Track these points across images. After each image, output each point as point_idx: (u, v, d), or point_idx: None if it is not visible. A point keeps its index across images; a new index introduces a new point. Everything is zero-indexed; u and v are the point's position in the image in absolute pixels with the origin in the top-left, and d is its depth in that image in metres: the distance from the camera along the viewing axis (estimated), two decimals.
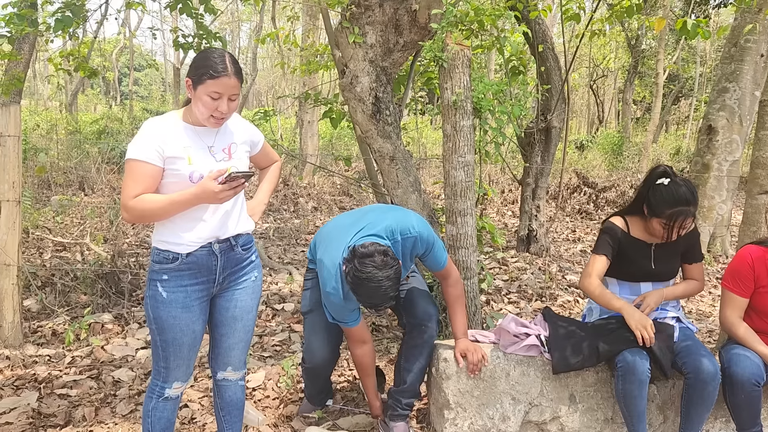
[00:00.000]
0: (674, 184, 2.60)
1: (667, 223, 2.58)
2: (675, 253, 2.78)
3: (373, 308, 2.43)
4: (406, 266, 2.70)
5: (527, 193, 6.75)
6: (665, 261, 2.77)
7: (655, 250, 2.75)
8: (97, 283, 4.57)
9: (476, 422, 2.65)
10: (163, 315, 2.15)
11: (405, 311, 2.79)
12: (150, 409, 2.31)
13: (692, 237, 2.77)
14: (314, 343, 2.83)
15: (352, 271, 2.35)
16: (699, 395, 2.54)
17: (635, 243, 2.75)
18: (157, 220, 2.12)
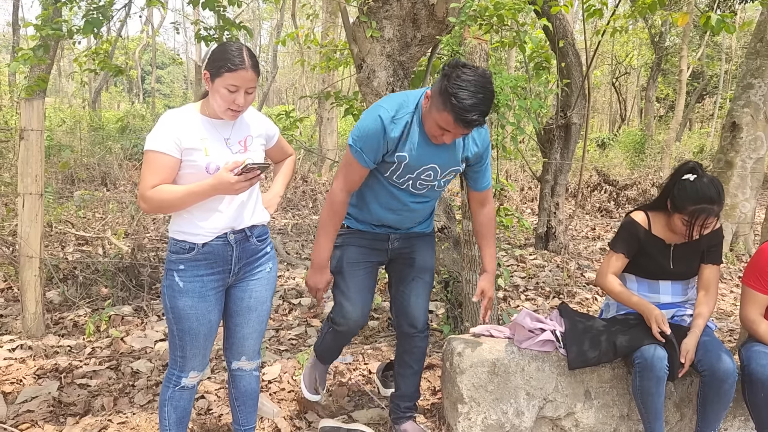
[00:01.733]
0: (700, 181, 2.55)
1: (689, 220, 2.53)
2: (696, 252, 2.71)
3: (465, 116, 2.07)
4: (457, 159, 2.40)
5: (546, 191, 6.71)
6: (684, 261, 2.72)
7: (674, 251, 2.71)
8: (117, 276, 4.64)
9: (490, 417, 2.65)
10: (180, 304, 2.18)
11: (400, 312, 2.64)
12: (167, 398, 2.34)
13: (715, 237, 2.69)
14: (348, 304, 2.53)
15: (450, 80, 2.07)
16: (715, 393, 2.50)
17: (655, 241, 2.72)
18: (174, 210, 2.15)
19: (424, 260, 2.63)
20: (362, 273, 2.53)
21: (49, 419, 2.90)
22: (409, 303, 2.61)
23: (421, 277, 2.63)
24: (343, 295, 2.54)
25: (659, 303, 2.77)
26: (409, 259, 2.61)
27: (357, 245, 2.54)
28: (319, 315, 4.47)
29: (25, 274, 3.74)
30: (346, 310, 2.53)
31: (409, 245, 2.61)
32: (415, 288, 2.62)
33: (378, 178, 2.42)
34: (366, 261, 2.55)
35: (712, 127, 22.90)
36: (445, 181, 2.47)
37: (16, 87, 12.73)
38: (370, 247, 2.55)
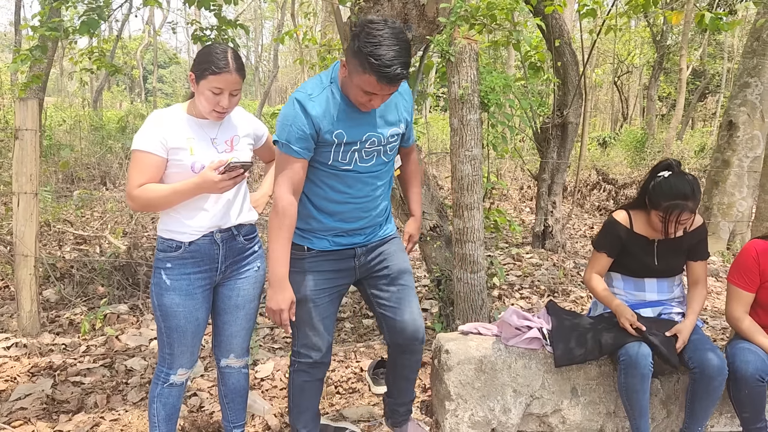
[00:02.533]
0: (674, 177, 2.58)
1: (664, 216, 2.57)
2: (679, 250, 2.74)
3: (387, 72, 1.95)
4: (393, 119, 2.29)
5: (543, 189, 6.72)
6: (669, 258, 2.74)
7: (658, 247, 2.73)
8: (114, 275, 4.67)
9: (477, 413, 2.67)
10: (167, 302, 2.21)
11: (394, 329, 2.44)
12: (156, 395, 2.37)
13: (698, 234, 2.74)
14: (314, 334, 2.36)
15: (361, 39, 1.96)
16: (704, 390, 2.52)
17: (638, 239, 2.74)
18: (160, 208, 2.18)
19: (398, 265, 2.43)
20: (327, 300, 2.34)
21: (42, 416, 2.93)
22: (403, 318, 2.41)
23: (402, 284, 2.43)
24: (307, 324, 2.34)
25: (645, 301, 2.80)
26: (383, 270, 2.40)
27: (320, 269, 2.31)
28: None
29: (20, 273, 3.77)
30: (312, 341, 2.36)
31: (378, 256, 2.40)
32: (402, 299, 2.42)
33: (319, 172, 2.23)
34: (332, 287, 2.34)
35: (714, 126, 22.85)
36: (391, 147, 2.31)
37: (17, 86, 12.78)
38: (336, 270, 2.33)
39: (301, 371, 2.44)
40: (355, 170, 2.24)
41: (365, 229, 2.37)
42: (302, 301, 2.31)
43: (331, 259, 2.33)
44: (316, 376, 2.46)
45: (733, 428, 2.88)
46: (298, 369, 2.45)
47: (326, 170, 2.22)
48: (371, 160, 2.26)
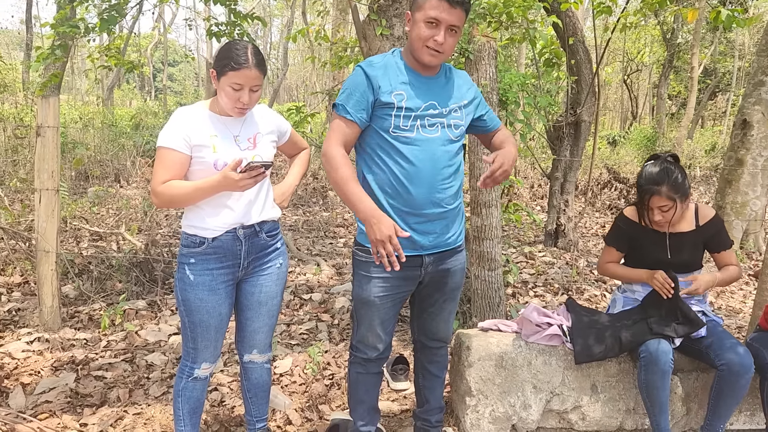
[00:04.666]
0: (652, 165, 2.65)
1: (640, 203, 2.65)
2: (693, 243, 2.74)
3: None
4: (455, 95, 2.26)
5: (555, 188, 6.72)
6: (683, 251, 2.74)
7: (670, 240, 2.74)
8: (131, 271, 4.72)
9: (497, 409, 2.69)
10: (191, 297, 2.25)
11: (423, 329, 2.49)
12: (180, 389, 2.40)
13: (713, 226, 2.74)
14: (371, 336, 2.36)
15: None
16: (731, 388, 2.53)
17: (648, 233, 2.77)
18: (183, 205, 2.21)
19: (455, 282, 2.41)
20: (389, 304, 2.30)
21: (67, 410, 2.97)
22: (438, 325, 2.46)
23: (451, 298, 2.43)
24: (366, 324, 2.34)
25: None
26: (441, 284, 2.37)
27: (386, 275, 2.24)
28: (330, 310, 4.52)
29: (42, 269, 3.81)
30: (369, 341, 2.37)
31: (443, 272, 2.33)
32: (444, 309, 2.44)
33: (383, 146, 2.17)
34: (395, 293, 2.29)
35: (724, 125, 22.73)
36: (456, 123, 2.23)
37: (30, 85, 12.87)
38: (401, 278, 2.25)
39: (356, 363, 2.45)
40: (419, 141, 2.15)
41: (435, 222, 2.23)
42: (364, 302, 2.30)
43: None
44: (370, 370, 2.44)
45: (752, 426, 2.89)
46: (354, 362, 2.46)
47: (390, 141, 2.15)
48: (435, 131, 2.17)
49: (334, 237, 7.12)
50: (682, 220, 2.76)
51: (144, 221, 6.36)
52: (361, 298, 2.31)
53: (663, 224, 2.70)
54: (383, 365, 2.47)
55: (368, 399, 2.48)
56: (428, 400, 2.60)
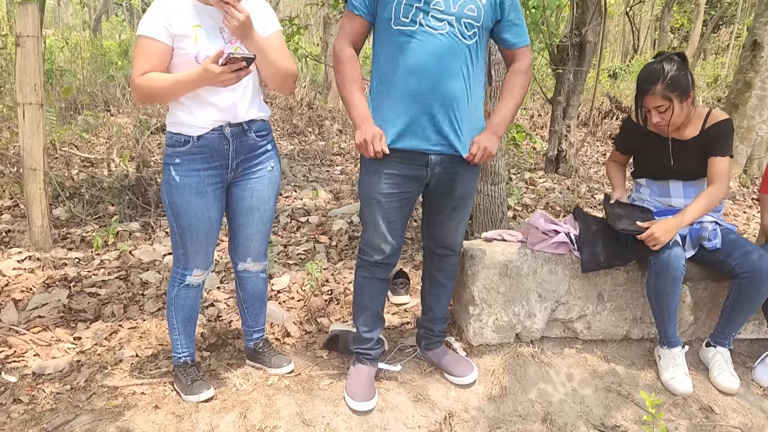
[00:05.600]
0: (650, 64, 2.50)
1: (637, 104, 2.55)
2: (697, 148, 2.58)
3: None
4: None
5: (558, 112, 6.55)
6: (686, 158, 2.61)
7: (672, 146, 2.62)
8: (124, 194, 4.60)
9: (501, 318, 2.62)
10: (178, 200, 2.13)
11: (431, 235, 2.42)
12: (173, 297, 2.32)
13: (718, 128, 2.55)
14: (378, 238, 2.27)
15: None
16: (751, 295, 2.45)
17: (651, 137, 2.66)
18: (163, 100, 2.07)
19: (465, 187, 2.29)
20: (396, 205, 2.21)
21: (60, 324, 2.91)
22: (447, 233, 2.39)
23: (461, 204, 2.33)
24: (373, 228, 2.26)
25: (672, 207, 2.70)
26: (450, 188, 2.27)
27: (390, 171, 2.17)
28: (328, 232, 4.44)
29: (29, 187, 3.69)
30: (375, 243, 2.28)
31: (452, 173, 2.22)
32: (454, 217, 2.35)
33: (388, 40, 2.10)
34: (401, 192, 2.20)
35: (727, 58, 22.26)
36: (468, 24, 2.07)
37: None
38: (407, 176, 2.17)
39: (362, 267, 2.37)
40: (422, 34, 2.05)
41: (443, 124, 2.12)
42: (370, 201, 2.23)
43: (403, 162, 2.15)
44: (376, 275, 2.35)
45: (760, 335, 2.84)
46: (360, 265, 2.38)
47: (391, 34, 2.09)
48: (443, 27, 2.05)
49: (330, 165, 6.99)
50: (688, 125, 2.60)
51: (136, 149, 6.19)
52: (366, 195, 2.23)
53: (662, 127, 2.54)
54: (390, 272, 2.39)
55: (372, 306, 2.41)
56: (432, 309, 2.53)
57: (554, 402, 2.46)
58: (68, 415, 2.25)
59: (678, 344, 2.54)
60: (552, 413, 2.41)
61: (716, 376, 2.55)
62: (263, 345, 2.58)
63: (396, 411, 2.34)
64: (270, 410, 2.29)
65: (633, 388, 2.55)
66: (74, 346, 2.74)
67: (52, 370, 2.54)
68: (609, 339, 2.75)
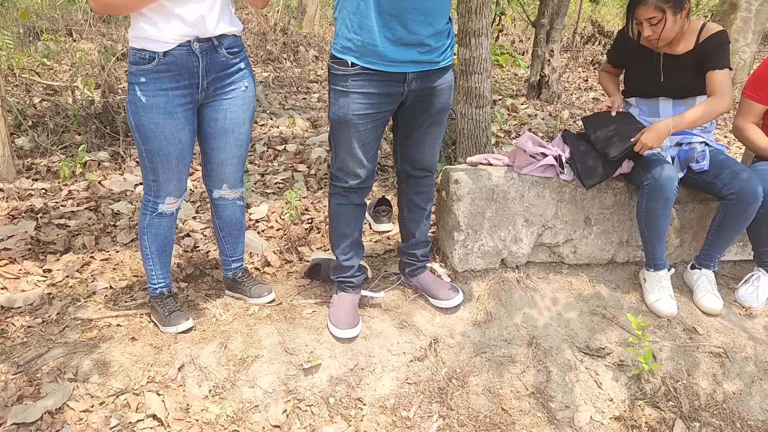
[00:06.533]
0: None
1: (628, 16, 2.45)
2: (690, 63, 2.47)
3: None
4: None
5: (541, 36, 6.34)
6: (675, 74, 2.51)
7: (664, 62, 2.51)
8: (90, 122, 4.38)
9: (487, 244, 2.56)
10: (145, 122, 1.98)
11: (407, 157, 2.30)
12: (145, 226, 2.21)
13: (714, 39, 2.43)
14: (352, 161, 2.15)
15: None
16: (737, 217, 2.42)
17: (642, 51, 2.56)
18: (124, 11, 1.88)
19: (442, 103, 2.17)
20: (370, 125, 2.09)
21: (28, 256, 2.79)
22: (423, 152, 2.27)
23: (438, 120, 2.22)
24: (347, 152, 2.14)
25: None
26: (426, 104, 2.15)
27: (365, 91, 2.02)
28: (306, 161, 4.30)
29: None
30: (349, 167, 2.17)
31: (428, 90, 2.11)
32: (430, 134, 2.23)
33: None
34: (376, 113, 2.07)
35: None
36: None
37: None
38: (382, 94, 2.04)
39: (336, 194, 2.26)
40: None
41: (422, 41, 1.98)
42: (343, 123, 2.08)
43: (378, 80, 2.01)
44: (352, 200, 2.26)
45: (743, 257, 2.83)
46: (334, 192, 2.27)
47: None
48: None
49: (307, 92, 6.76)
50: (681, 40, 2.49)
51: (101, 76, 5.89)
52: (338, 117, 2.07)
53: (653, 40, 2.43)
54: (365, 196, 2.28)
55: (350, 232, 2.31)
56: (413, 234, 2.46)
57: (539, 326, 2.44)
58: (41, 349, 2.17)
59: (664, 267, 2.52)
60: (537, 337, 2.39)
61: (700, 298, 2.54)
62: (242, 274, 2.50)
63: (380, 338, 2.30)
64: (251, 340, 2.23)
65: (618, 311, 2.54)
66: (44, 279, 2.64)
67: (22, 303, 2.44)
68: (595, 263, 2.71)
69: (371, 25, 1.92)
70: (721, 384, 2.29)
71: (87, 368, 2.10)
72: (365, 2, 1.90)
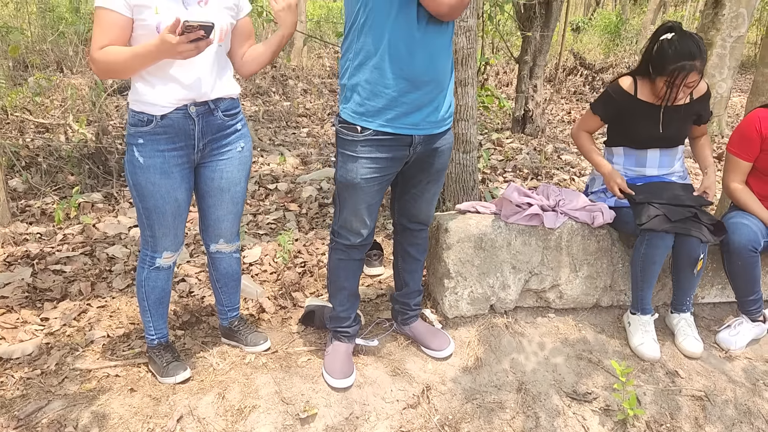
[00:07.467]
0: (678, 38, 2.47)
1: (669, 80, 2.49)
2: (687, 117, 2.67)
3: None
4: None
5: (524, 72, 6.52)
6: (674, 125, 2.66)
7: (664, 114, 2.64)
8: (83, 163, 4.44)
9: (476, 290, 2.65)
10: (142, 181, 2.06)
11: (404, 211, 2.39)
12: (143, 279, 2.27)
13: (705, 99, 2.69)
14: (356, 221, 2.22)
15: None
16: (682, 261, 2.55)
17: (642, 106, 2.65)
18: (123, 75, 1.96)
19: (442, 163, 2.26)
20: (376, 188, 2.15)
21: (26, 305, 2.83)
22: (420, 207, 2.36)
23: (436, 179, 2.31)
24: (351, 212, 2.20)
25: (644, 176, 2.75)
26: (427, 164, 2.23)
27: (373, 156, 2.08)
28: (297, 200, 4.38)
29: None
30: (353, 226, 2.23)
31: (431, 152, 2.19)
32: (428, 190, 2.32)
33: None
34: (382, 175, 2.13)
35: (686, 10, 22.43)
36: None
37: None
38: (389, 158, 2.10)
39: (338, 250, 2.32)
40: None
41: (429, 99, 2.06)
42: (350, 186, 2.14)
43: (386, 144, 2.08)
44: (353, 256, 2.32)
45: (722, 299, 2.94)
46: (335, 248, 2.33)
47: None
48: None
49: (296, 127, 6.86)
50: None
51: (93, 112, 5.96)
52: (346, 180, 2.14)
53: (680, 99, 2.60)
54: (366, 251, 2.36)
55: (349, 285, 2.39)
56: (407, 284, 2.53)
57: (528, 371, 2.51)
58: (40, 402, 2.20)
59: (650, 312, 2.62)
60: (526, 383, 2.46)
61: (681, 342, 2.64)
62: (239, 323, 2.56)
63: (374, 386, 2.36)
64: (248, 389, 2.29)
65: (603, 354, 2.62)
66: (42, 328, 2.67)
67: (20, 354, 2.48)
68: (580, 307, 2.81)
69: (386, 91, 2.00)
70: (703, 427, 2.37)
71: (87, 421, 2.14)
72: (380, 71, 1.98)
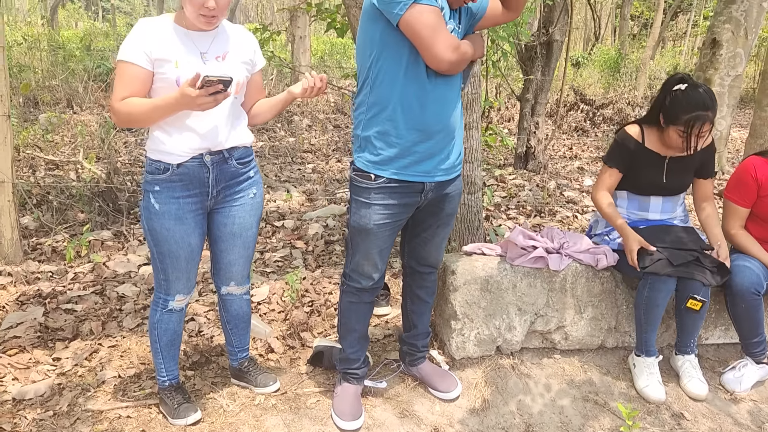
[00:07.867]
0: (691, 89, 2.53)
1: (684, 130, 2.53)
2: (690, 167, 2.74)
3: None
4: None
5: (526, 110, 6.64)
6: (678, 175, 2.73)
7: (668, 164, 2.71)
8: (94, 201, 4.52)
9: (483, 332, 2.69)
10: (157, 227, 2.12)
11: (414, 254, 2.44)
12: (155, 322, 2.31)
13: (709, 150, 2.74)
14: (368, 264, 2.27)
15: None
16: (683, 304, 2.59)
17: (648, 155, 2.71)
18: (142, 125, 2.05)
19: (452, 208, 2.34)
20: (388, 233, 2.21)
21: (38, 344, 2.87)
22: (430, 251, 2.42)
23: (446, 223, 2.37)
24: (363, 257, 2.25)
25: (647, 219, 2.81)
26: (438, 209, 2.30)
27: (386, 202, 2.14)
28: (303, 237, 4.44)
29: None
30: (365, 270, 2.28)
31: (441, 197, 2.27)
32: (437, 234, 2.38)
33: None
34: (394, 221, 2.20)
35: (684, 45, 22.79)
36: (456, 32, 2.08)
37: None
38: (401, 204, 2.17)
39: (349, 293, 2.37)
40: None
41: (440, 147, 2.14)
42: (363, 231, 2.20)
43: (399, 192, 2.15)
44: (363, 299, 2.37)
45: (726, 340, 2.97)
46: (347, 290, 2.37)
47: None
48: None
49: (302, 163, 6.96)
50: None
51: (102, 149, 6.07)
52: (359, 225, 2.20)
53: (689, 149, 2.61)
54: (376, 294, 2.41)
55: (360, 328, 2.43)
56: (416, 326, 2.57)
57: (534, 413, 2.54)
58: None
59: (654, 354, 2.65)
60: (533, 425, 2.49)
61: (686, 384, 2.66)
62: (248, 363, 2.60)
63: (383, 428, 2.38)
64: (258, 431, 2.31)
65: (608, 396, 2.65)
66: (54, 368, 2.71)
67: (33, 395, 2.51)
68: (585, 348, 2.84)
69: (399, 141, 2.07)
70: None
71: None
72: (393, 122, 2.06)
